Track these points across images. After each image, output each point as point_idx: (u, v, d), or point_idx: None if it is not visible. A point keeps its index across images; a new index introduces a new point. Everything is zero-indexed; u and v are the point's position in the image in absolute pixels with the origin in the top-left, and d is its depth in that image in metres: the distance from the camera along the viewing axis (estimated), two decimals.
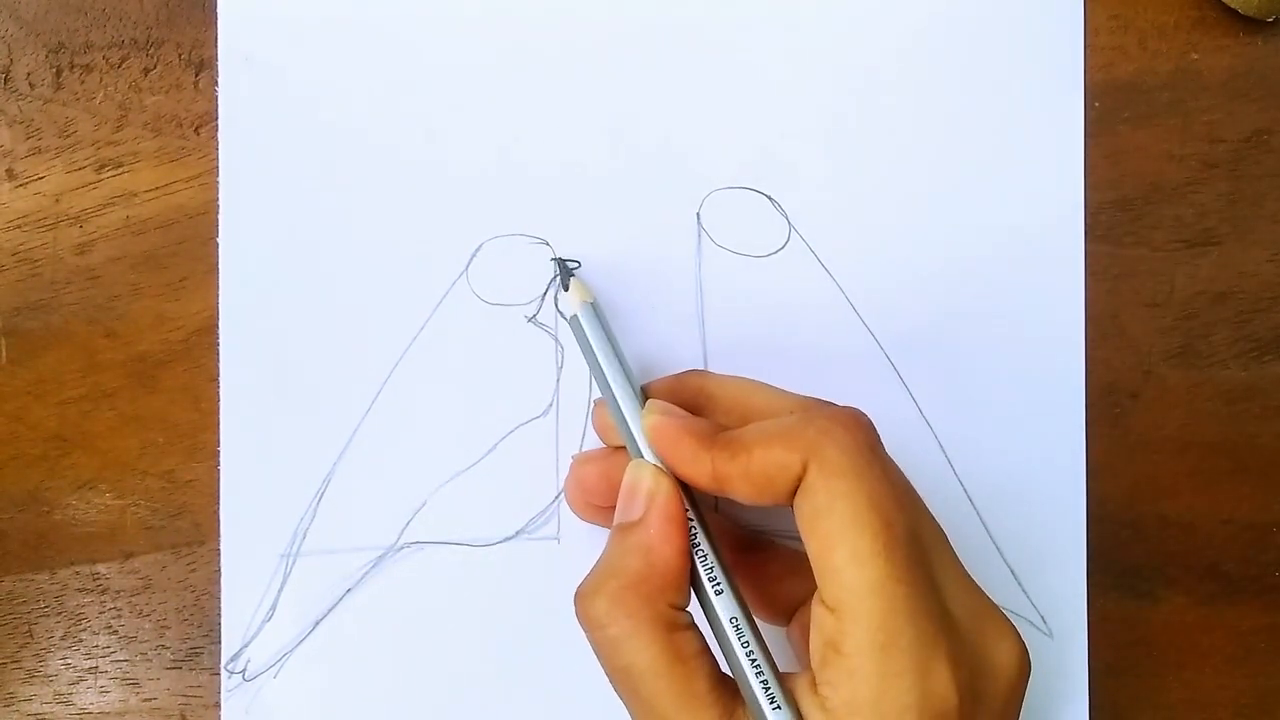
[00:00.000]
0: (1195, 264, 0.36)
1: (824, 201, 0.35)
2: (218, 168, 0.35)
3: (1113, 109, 0.36)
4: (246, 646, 0.34)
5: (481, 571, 0.35)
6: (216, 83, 0.35)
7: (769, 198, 0.35)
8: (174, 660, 0.35)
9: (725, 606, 0.26)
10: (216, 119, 0.35)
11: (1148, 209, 0.36)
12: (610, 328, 0.30)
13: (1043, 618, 0.35)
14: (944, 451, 0.35)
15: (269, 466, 0.35)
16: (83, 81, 0.35)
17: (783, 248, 0.35)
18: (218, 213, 0.35)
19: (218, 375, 0.35)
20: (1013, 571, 0.35)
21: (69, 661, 0.35)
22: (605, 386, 0.29)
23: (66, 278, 0.35)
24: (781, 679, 0.25)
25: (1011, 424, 0.35)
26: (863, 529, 0.24)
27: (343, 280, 0.35)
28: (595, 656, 0.26)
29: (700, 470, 0.26)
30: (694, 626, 0.26)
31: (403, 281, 0.35)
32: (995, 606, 0.26)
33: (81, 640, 0.35)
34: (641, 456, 0.28)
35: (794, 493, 0.25)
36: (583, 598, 0.26)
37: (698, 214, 0.35)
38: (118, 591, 0.35)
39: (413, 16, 0.35)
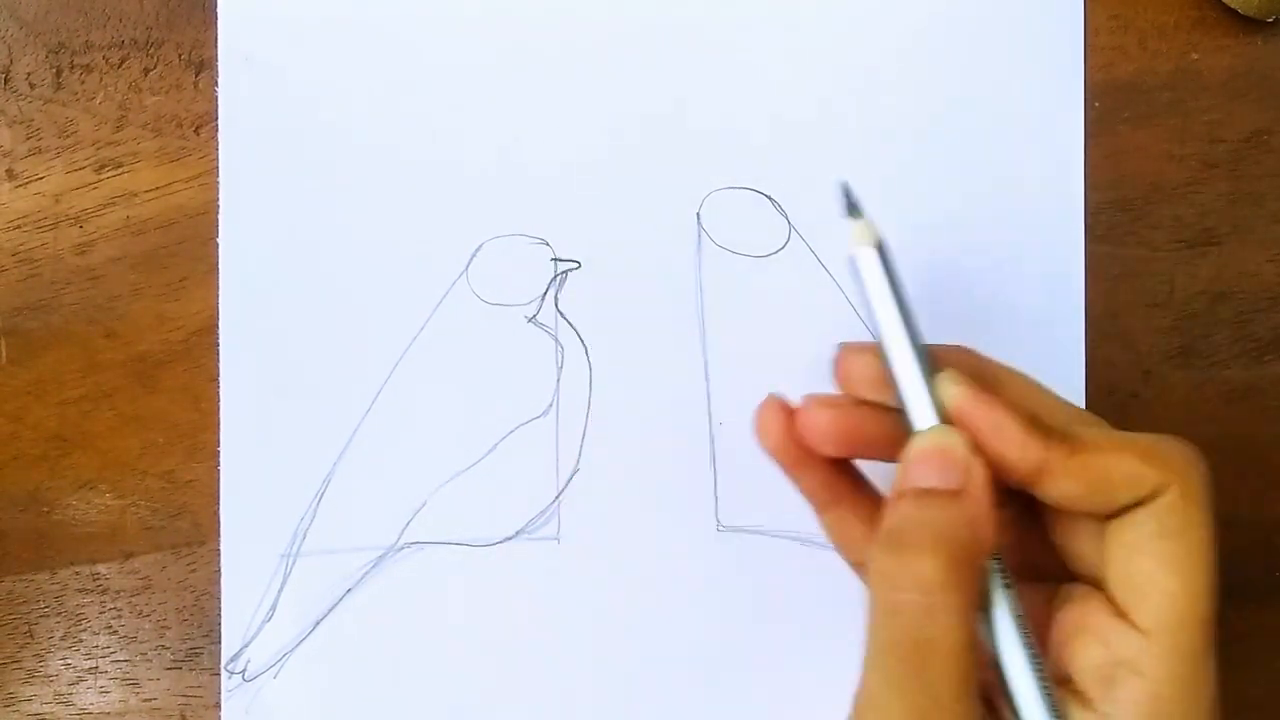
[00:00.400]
0: (1195, 264, 0.36)
1: (824, 202, 0.35)
2: (218, 168, 0.35)
3: (1113, 109, 0.36)
4: (246, 647, 0.34)
5: (481, 571, 0.35)
6: (216, 83, 0.35)
7: (769, 198, 0.35)
8: (174, 660, 0.35)
9: (1012, 603, 0.24)
10: (216, 119, 0.35)
11: (1148, 209, 0.36)
12: (898, 276, 0.27)
13: None
14: None
15: (269, 467, 0.35)
16: (83, 81, 0.35)
17: (783, 248, 0.35)
18: (218, 213, 0.35)
19: (218, 375, 0.35)
20: None
21: (69, 662, 0.35)
22: (897, 338, 0.26)
23: (66, 278, 0.35)
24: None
25: None
26: (1203, 564, 0.24)
27: (343, 280, 0.35)
28: (879, 617, 0.24)
29: (1025, 456, 0.24)
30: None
31: (403, 281, 0.35)
32: None
33: (82, 640, 0.35)
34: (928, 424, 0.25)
35: (1126, 507, 0.24)
36: (906, 550, 0.23)
37: (698, 214, 0.35)
38: (118, 592, 0.35)
39: (413, 17, 0.35)
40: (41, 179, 0.35)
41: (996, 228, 0.36)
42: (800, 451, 0.27)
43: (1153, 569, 0.24)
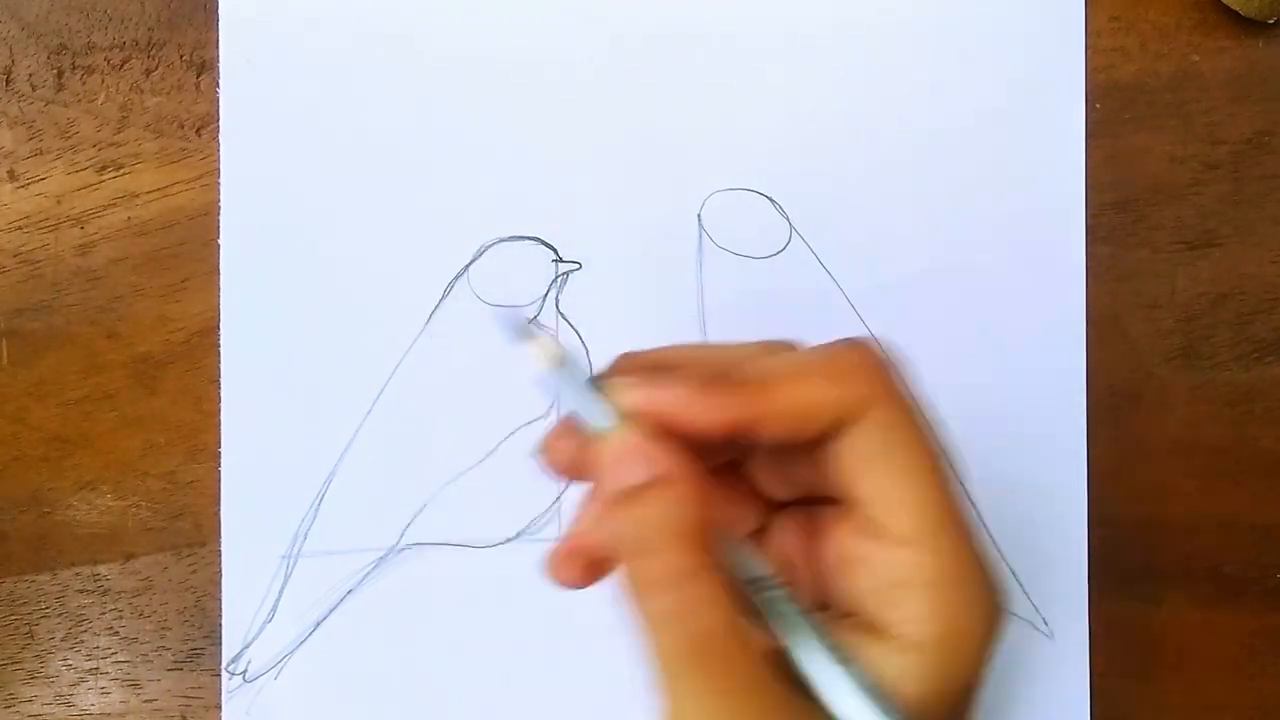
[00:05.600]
0: (1196, 265, 0.36)
1: (825, 203, 0.35)
2: (219, 169, 0.35)
3: (1114, 110, 0.36)
4: (247, 647, 0.34)
5: (482, 573, 0.35)
6: (218, 84, 0.35)
7: (770, 199, 0.35)
8: (175, 661, 0.35)
9: (762, 568, 0.24)
10: (218, 120, 0.35)
11: (1149, 210, 0.36)
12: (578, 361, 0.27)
13: (1044, 620, 0.35)
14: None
15: (270, 468, 0.35)
16: (84, 83, 0.35)
17: (784, 249, 0.35)
18: (219, 214, 0.35)
19: (219, 376, 0.35)
20: (1014, 574, 0.35)
21: (70, 662, 0.35)
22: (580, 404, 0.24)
23: (68, 279, 0.35)
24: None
25: (1013, 426, 0.35)
26: (923, 465, 0.23)
27: (344, 281, 0.35)
28: (652, 633, 0.23)
29: (713, 416, 0.23)
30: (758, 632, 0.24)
31: (403, 283, 0.35)
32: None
33: (83, 641, 0.35)
34: None
35: (829, 431, 0.23)
36: (642, 555, 0.22)
37: (699, 215, 0.35)
38: (119, 593, 0.35)
39: (413, 19, 0.35)
40: (43, 180, 0.35)
41: (998, 228, 0.35)
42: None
43: (889, 485, 0.23)
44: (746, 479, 0.26)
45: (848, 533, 0.24)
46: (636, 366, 0.25)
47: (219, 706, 0.35)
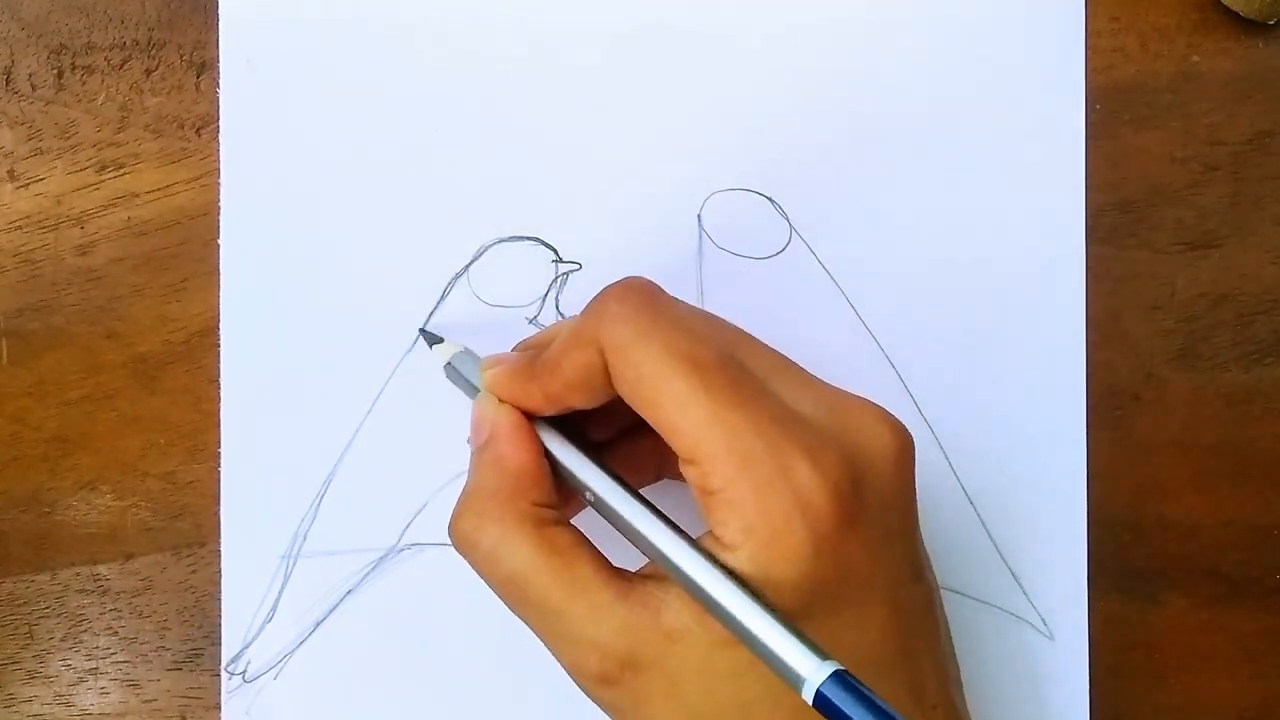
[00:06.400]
0: (1196, 266, 0.36)
1: (825, 204, 0.35)
2: (219, 169, 0.35)
3: (1114, 111, 0.36)
4: (247, 648, 0.34)
5: None
6: (218, 84, 0.35)
7: (770, 200, 0.35)
8: (175, 661, 0.35)
9: (594, 478, 0.27)
10: (218, 120, 0.35)
11: (1149, 211, 0.36)
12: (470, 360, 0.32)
13: (1044, 620, 0.35)
14: (945, 453, 0.35)
15: (269, 468, 0.35)
16: (84, 83, 0.35)
17: (784, 250, 0.35)
18: (219, 214, 0.35)
19: (219, 376, 0.35)
20: (1014, 574, 0.35)
21: (69, 663, 0.35)
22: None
23: (68, 279, 0.35)
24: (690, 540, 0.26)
25: (1012, 426, 0.35)
26: (672, 378, 0.24)
27: (343, 282, 0.35)
28: (487, 585, 0.27)
29: (534, 399, 0.27)
30: (565, 523, 0.27)
31: (404, 283, 0.35)
32: (858, 398, 0.26)
33: (82, 641, 0.35)
34: None
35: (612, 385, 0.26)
36: (451, 525, 0.27)
37: (699, 215, 0.35)
38: (118, 593, 0.35)
39: (413, 19, 0.35)
40: (43, 180, 0.35)
41: (997, 229, 0.36)
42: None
43: (652, 417, 0.25)
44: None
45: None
46: (523, 347, 0.31)
47: (219, 707, 0.35)
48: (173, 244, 0.35)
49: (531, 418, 0.28)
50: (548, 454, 0.28)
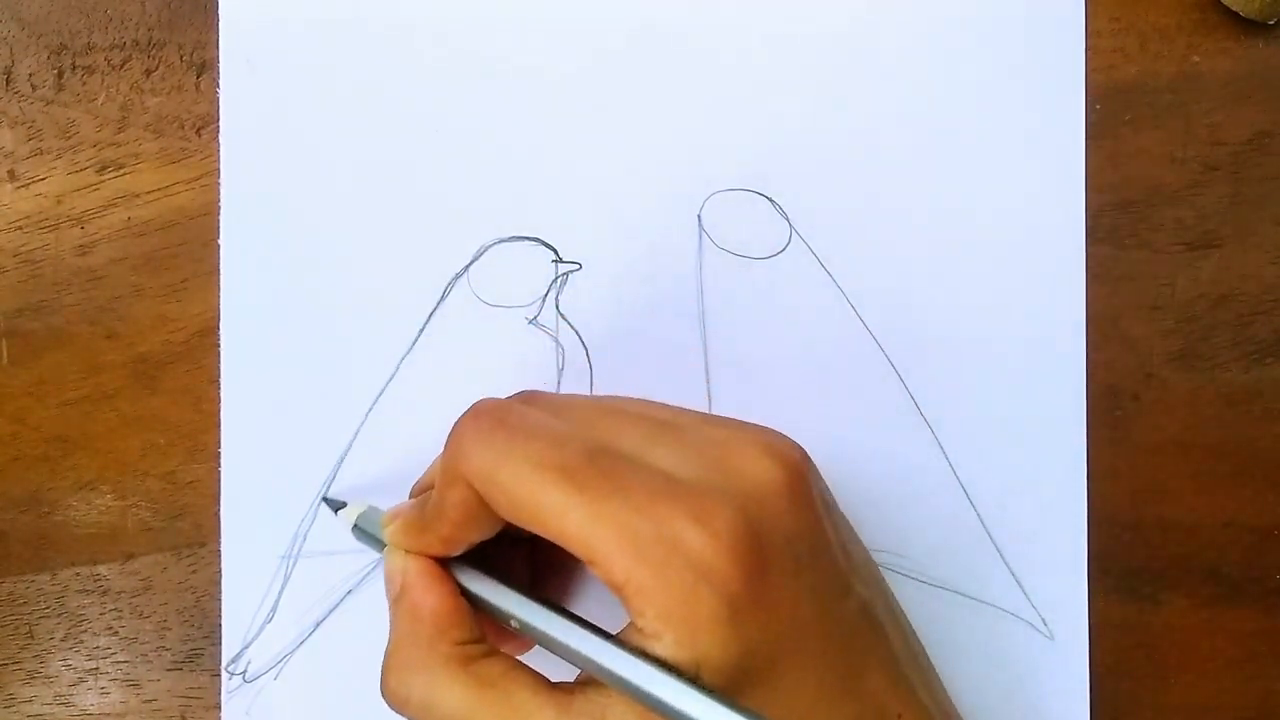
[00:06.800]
0: (1196, 266, 0.36)
1: (825, 203, 0.35)
2: (219, 169, 0.35)
3: (1114, 111, 0.36)
4: (247, 648, 0.34)
5: None
6: (218, 84, 0.35)
7: (770, 199, 0.35)
8: (175, 661, 0.35)
9: (515, 605, 0.26)
10: (218, 120, 0.35)
11: (1149, 211, 0.36)
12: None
13: (1044, 620, 0.35)
14: (945, 454, 0.35)
15: (270, 468, 0.35)
16: (84, 83, 0.35)
17: (784, 250, 0.35)
18: (219, 214, 0.35)
19: (219, 376, 0.35)
20: (1014, 574, 0.35)
21: (70, 663, 0.35)
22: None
23: (68, 279, 0.35)
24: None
25: (1012, 426, 0.35)
26: (543, 490, 0.24)
27: (343, 282, 0.35)
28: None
29: (434, 546, 0.27)
30: (496, 652, 0.26)
31: (403, 283, 0.35)
32: (740, 432, 0.26)
33: (82, 641, 0.35)
34: None
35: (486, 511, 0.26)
36: (381, 687, 0.26)
37: (699, 215, 0.35)
38: (118, 593, 0.35)
39: (413, 19, 0.35)
40: (43, 180, 0.35)
41: (997, 229, 0.36)
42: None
43: (530, 526, 0.24)
44: None
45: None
46: (415, 491, 0.31)
47: (218, 707, 0.35)
48: (173, 244, 0.35)
49: (446, 559, 0.28)
50: (465, 591, 0.27)
